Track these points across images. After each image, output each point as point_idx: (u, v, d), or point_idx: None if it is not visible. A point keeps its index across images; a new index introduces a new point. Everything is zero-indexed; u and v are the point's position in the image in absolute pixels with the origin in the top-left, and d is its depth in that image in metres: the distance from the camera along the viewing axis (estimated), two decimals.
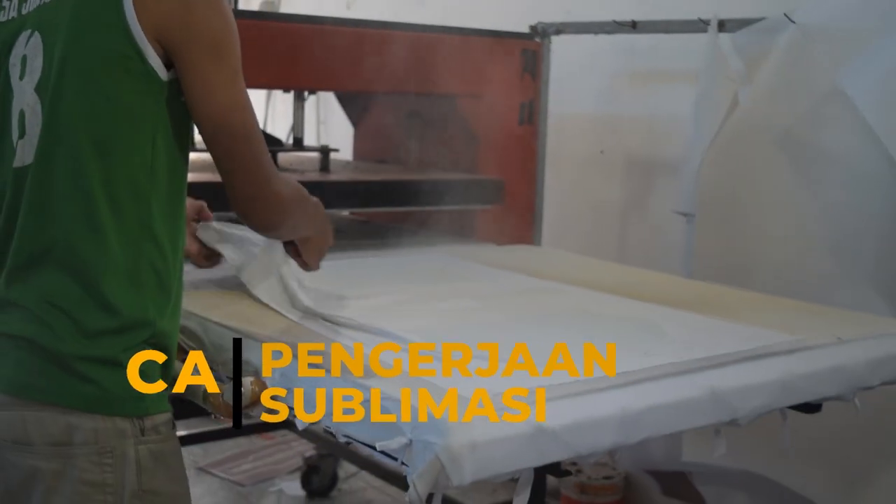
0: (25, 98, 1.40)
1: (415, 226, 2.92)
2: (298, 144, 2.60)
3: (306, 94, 2.78)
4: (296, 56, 2.41)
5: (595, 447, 1.34)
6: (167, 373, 1.41)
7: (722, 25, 2.58)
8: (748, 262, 2.52)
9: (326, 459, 3.52)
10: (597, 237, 3.33)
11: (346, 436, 1.33)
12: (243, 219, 1.48)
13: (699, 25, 2.62)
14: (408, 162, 2.89)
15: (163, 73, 1.36)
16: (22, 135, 1.39)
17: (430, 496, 1.23)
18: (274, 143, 2.64)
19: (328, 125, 4.43)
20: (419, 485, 1.20)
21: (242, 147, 1.40)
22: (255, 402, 1.46)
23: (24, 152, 1.39)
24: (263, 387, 1.46)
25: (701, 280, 2.36)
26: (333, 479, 3.57)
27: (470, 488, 3.66)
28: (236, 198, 1.44)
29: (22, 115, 1.40)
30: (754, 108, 2.52)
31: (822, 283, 2.33)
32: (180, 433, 3.73)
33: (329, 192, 2.50)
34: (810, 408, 1.71)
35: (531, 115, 2.81)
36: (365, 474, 3.62)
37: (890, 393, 1.87)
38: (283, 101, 4.47)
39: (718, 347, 1.58)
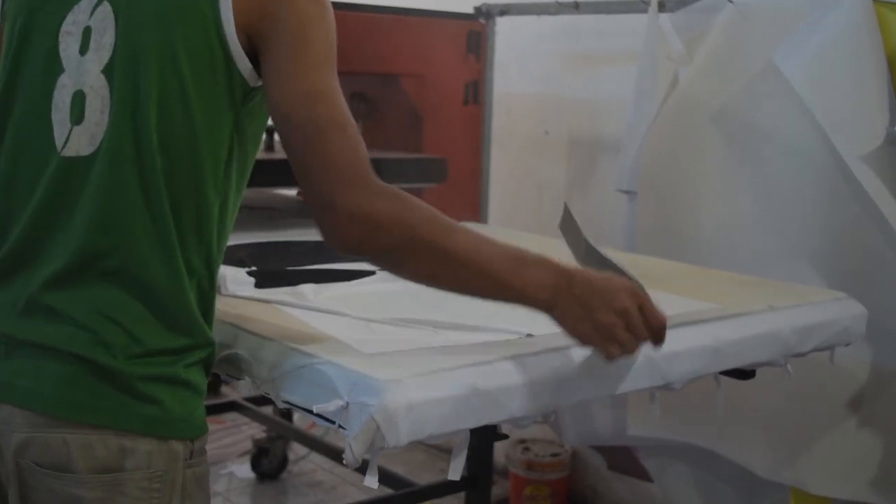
0: (87, 78, 1.23)
1: None
2: None
3: None
4: None
5: (530, 410, 1.36)
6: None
7: (662, 6, 2.62)
8: (687, 238, 2.56)
9: (276, 442, 3.53)
10: (542, 215, 3.37)
11: (284, 401, 1.35)
12: (322, 234, 1.24)
13: (640, 6, 2.66)
14: None
15: (251, 78, 1.22)
16: (79, 120, 1.23)
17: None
18: None
19: None
20: (355, 446, 1.21)
21: (315, 144, 1.19)
22: None
23: (80, 141, 1.22)
24: None
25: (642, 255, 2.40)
26: (283, 462, 3.58)
27: (418, 467, 3.64)
28: (312, 209, 1.22)
29: (79, 97, 1.23)
30: (693, 87, 2.56)
31: (758, 258, 2.38)
32: None
33: (273, 170, 2.51)
34: (743, 374, 1.75)
35: (476, 95, 2.84)
36: (315, 456, 3.65)
37: (825, 365, 1.93)
38: None
39: None
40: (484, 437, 2.82)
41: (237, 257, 1.88)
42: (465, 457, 1.35)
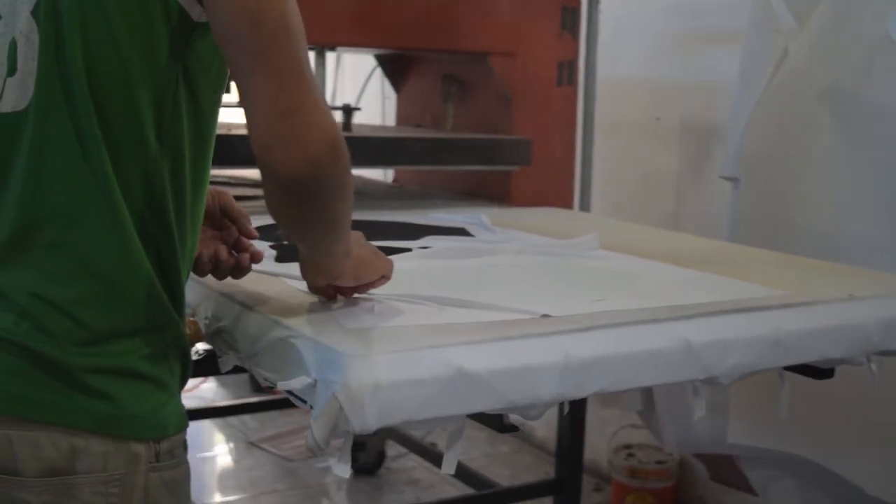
0: (19, 23, 1.08)
1: (442, 189, 2.83)
2: None
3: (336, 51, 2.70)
4: (316, 11, 2.32)
5: (533, 398, 1.20)
6: (184, 382, 1.18)
7: None
8: (793, 226, 2.32)
9: (372, 437, 3.44)
10: (651, 206, 3.18)
11: (264, 378, 1.24)
12: (266, 153, 1.02)
13: None
14: (444, 125, 2.79)
15: (194, 11, 1.06)
16: (12, 71, 1.08)
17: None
18: None
19: (393, 101, 4.35)
20: (316, 428, 1.08)
21: (279, 41, 1.00)
22: (190, 343, 1.37)
23: (16, 95, 1.08)
24: (197, 328, 1.37)
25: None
26: (380, 457, 3.49)
27: (523, 470, 3.48)
28: (263, 115, 1.01)
29: (13, 45, 1.08)
30: (802, 63, 2.33)
31: (869, 248, 2.14)
32: (236, 402, 3.74)
33: (355, 148, 2.41)
34: (818, 372, 1.54)
35: (571, 75, 2.67)
36: (416, 455, 3.54)
37: None
38: (350, 63, 4.43)
39: (694, 299, 1.42)
40: (574, 436, 2.66)
41: (275, 234, 1.78)
42: (459, 448, 1.21)
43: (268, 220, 1.17)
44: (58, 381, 1.06)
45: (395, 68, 3.11)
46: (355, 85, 4.11)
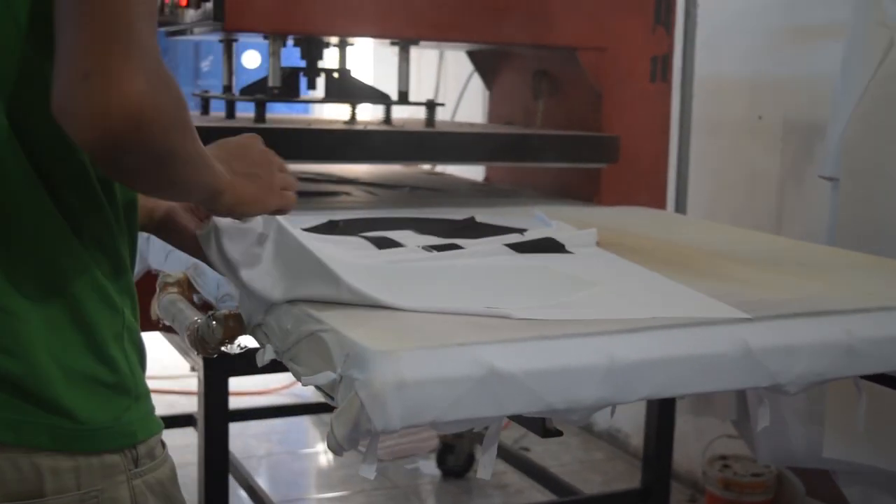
0: None
1: (532, 187, 2.77)
2: (404, 99, 2.49)
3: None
4: (400, 5, 2.29)
5: (573, 401, 1.13)
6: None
7: None
8: (894, 230, 2.20)
9: (461, 439, 3.39)
10: (753, 207, 3.05)
11: (294, 373, 1.20)
12: (61, 118, 0.88)
13: None
14: (534, 122, 2.72)
15: None
16: None
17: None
18: (381, 98, 2.53)
19: None
20: (336, 428, 1.04)
21: None
22: (232, 336, 1.35)
23: None
24: (239, 321, 1.34)
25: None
26: (469, 460, 3.44)
27: (616, 477, 3.39)
28: (62, 75, 0.87)
29: None
30: None
31: None
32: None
33: (432, 144, 2.38)
34: None
35: (665, 71, 2.58)
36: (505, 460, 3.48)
37: None
38: (453, 62, 4.40)
39: (635, 315, 1.26)
40: (661, 444, 2.57)
41: (337, 224, 1.74)
42: (495, 451, 1.15)
43: (335, 214, 1.14)
44: (10, 394, 0.97)
45: (487, 65, 3.07)
46: (458, 84, 4.08)
